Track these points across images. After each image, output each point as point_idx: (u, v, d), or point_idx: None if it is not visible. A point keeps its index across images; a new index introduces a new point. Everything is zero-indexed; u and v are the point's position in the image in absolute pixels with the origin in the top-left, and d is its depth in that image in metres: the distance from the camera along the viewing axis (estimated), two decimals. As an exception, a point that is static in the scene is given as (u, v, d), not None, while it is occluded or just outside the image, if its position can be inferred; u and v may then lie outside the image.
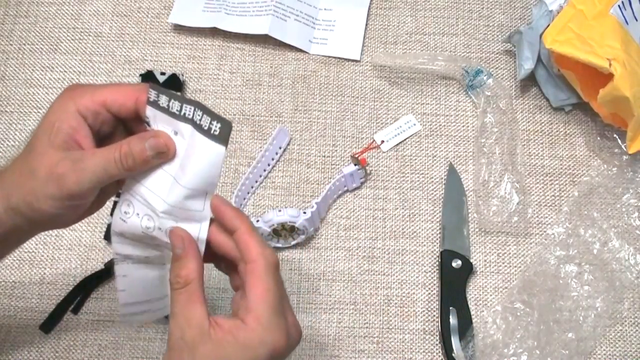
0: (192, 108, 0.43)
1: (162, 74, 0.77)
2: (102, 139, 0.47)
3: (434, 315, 0.69)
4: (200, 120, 0.43)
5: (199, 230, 0.46)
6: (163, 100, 0.44)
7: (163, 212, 0.45)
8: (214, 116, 0.42)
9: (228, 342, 0.43)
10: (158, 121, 0.45)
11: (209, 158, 0.43)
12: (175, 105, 0.43)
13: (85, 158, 0.44)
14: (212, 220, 0.47)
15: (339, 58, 0.80)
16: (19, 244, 0.52)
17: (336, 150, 0.76)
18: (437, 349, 0.68)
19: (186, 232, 0.45)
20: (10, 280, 0.70)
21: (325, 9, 0.83)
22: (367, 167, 0.74)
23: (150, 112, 0.45)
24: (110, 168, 0.43)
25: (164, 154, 0.44)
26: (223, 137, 0.42)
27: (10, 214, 0.46)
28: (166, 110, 0.44)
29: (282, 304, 0.45)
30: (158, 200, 0.45)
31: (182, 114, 0.43)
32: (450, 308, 0.68)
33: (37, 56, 0.80)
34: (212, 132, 0.42)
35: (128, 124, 0.48)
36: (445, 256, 0.70)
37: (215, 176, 0.44)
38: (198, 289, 0.44)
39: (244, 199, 0.73)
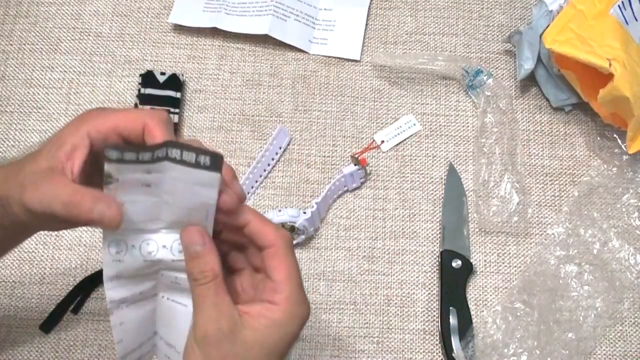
0: (165, 150, 0.41)
1: (162, 74, 0.77)
2: None
3: (434, 315, 0.69)
4: (180, 156, 0.41)
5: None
6: (129, 155, 0.41)
7: (164, 228, 0.45)
8: (199, 151, 0.41)
9: (264, 325, 0.44)
10: (125, 173, 0.42)
11: (203, 185, 0.42)
12: (146, 156, 0.41)
13: (46, 183, 0.43)
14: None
15: (339, 58, 0.80)
16: (17, 240, 0.52)
17: (336, 150, 0.76)
18: (437, 349, 0.68)
19: (202, 228, 0.45)
20: (10, 280, 0.70)
21: (325, 9, 0.83)
22: (367, 167, 0.74)
23: (111, 168, 0.42)
24: (56, 206, 0.42)
25: (107, 224, 0.43)
26: (215, 166, 0.41)
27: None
28: (134, 162, 0.42)
29: (301, 278, 0.47)
30: (153, 222, 0.44)
31: (155, 157, 0.42)
32: (450, 308, 0.68)
33: (37, 56, 0.80)
34: (201, 164, 0.41)
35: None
36: (445, 256, 0.70)
37: (213, 198, 0.43)
38: (223, 281, 0.45)
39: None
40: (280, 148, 0.76)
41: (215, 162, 0.42)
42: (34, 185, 0.43)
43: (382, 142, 0.76)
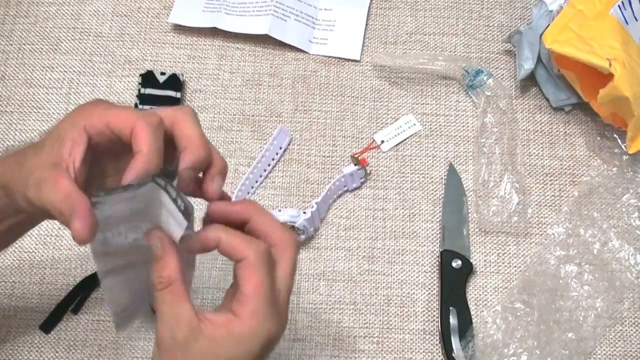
0: (150, 178, 0.43)
1: (162, 74, 0.77)
2: (117, 154, 0.48)
3: (434, 315, 0.69)
4: (165, 186, 0.43)
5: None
6: (115, 192, 0.43)
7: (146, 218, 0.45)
8: (179, 194, 0.43)
9: (222, 337, 0.43)
10: (113, 203, 0.43)
11: (174, 220, 0.44)
12: (131, 189, 0.43)
13: (47, 183, 0.43)
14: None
15: (339, 58, 0.80)
16: (23, 228, 0.53)
17: (336, 150, 0.76)
18: (437, 349, 0.68)
19: (163, 232, 0.45)
20: (10, 280, 0.70)
21: (325, 9, 0.83)
22: (367, 167, 0.74)
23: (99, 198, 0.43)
24: (52, 210, 0.43)
25: (76, 240, 0.43)
26: (187, 214, 0.43)
27: (1, 192, 0.47)
28: (120, 193, 0.43)
29: (275, 293, 0.45)
30: (135, 230, 0.45)
31: (140, 186, 0.43)
32: (450, 308, 0.68)
33: (37, 56, 0.80)
34: (178, 204, 0.43)
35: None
36: (445, 256, 0.70)
37: (178, 234, 0.44)
38: (182, 286, 0.44)
39: (244, 199, 0.73)
40: (280, 148, 0.76)
41: (187, 211, 0.43)
42: (36, 184, 0.43)
43: (382, 142, 0.76)
